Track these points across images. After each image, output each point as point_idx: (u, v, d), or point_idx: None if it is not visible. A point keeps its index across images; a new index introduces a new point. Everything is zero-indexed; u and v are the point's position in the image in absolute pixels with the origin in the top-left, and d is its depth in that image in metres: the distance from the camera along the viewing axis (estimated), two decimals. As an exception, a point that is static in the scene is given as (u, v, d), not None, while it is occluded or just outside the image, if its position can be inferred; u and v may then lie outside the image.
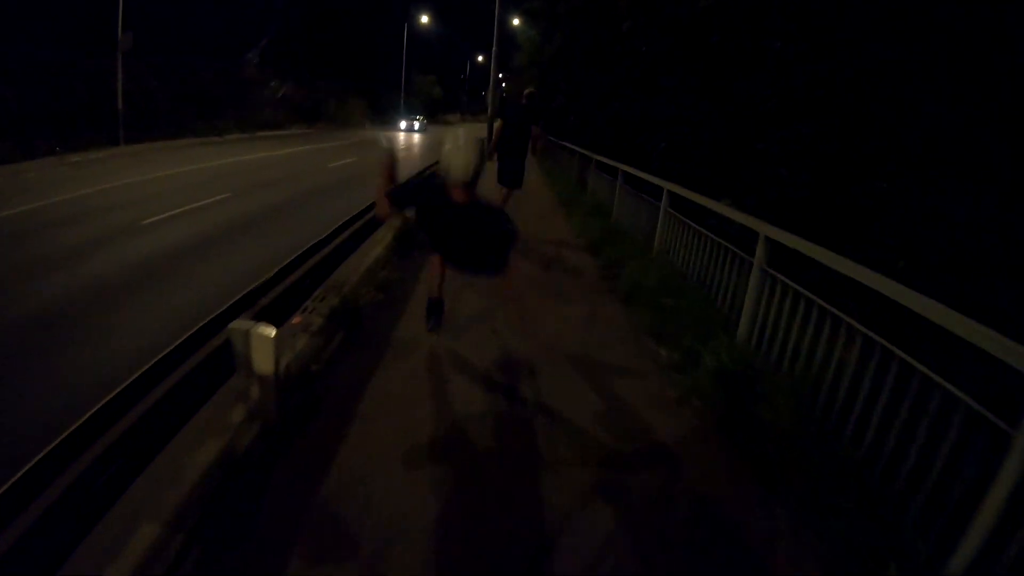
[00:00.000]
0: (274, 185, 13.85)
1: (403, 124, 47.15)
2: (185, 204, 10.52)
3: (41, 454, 2.14)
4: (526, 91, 8.09)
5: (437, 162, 9.27)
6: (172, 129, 25.02)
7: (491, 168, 18.87)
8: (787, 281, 3.48)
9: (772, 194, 6.71)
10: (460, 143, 2.84)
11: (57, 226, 8.61)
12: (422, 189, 3.32)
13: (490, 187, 12.73)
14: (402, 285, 5.62)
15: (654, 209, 6.31)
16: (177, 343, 2.71)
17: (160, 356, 2.61)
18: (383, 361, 3.90)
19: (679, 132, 9.30)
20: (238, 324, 2.82)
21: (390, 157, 3.35)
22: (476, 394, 3.53)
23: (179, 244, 8.00)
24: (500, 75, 40.14)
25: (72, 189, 11.72)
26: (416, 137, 39.54)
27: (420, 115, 49.37)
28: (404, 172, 12.86)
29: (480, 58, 78.16)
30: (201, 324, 2.89)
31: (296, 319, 4.36)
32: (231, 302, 3.18)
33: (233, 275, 6.53)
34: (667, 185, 5.93)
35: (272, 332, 2.84)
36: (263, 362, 2.87)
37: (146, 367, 2.52)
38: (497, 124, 8.53)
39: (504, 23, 24.92)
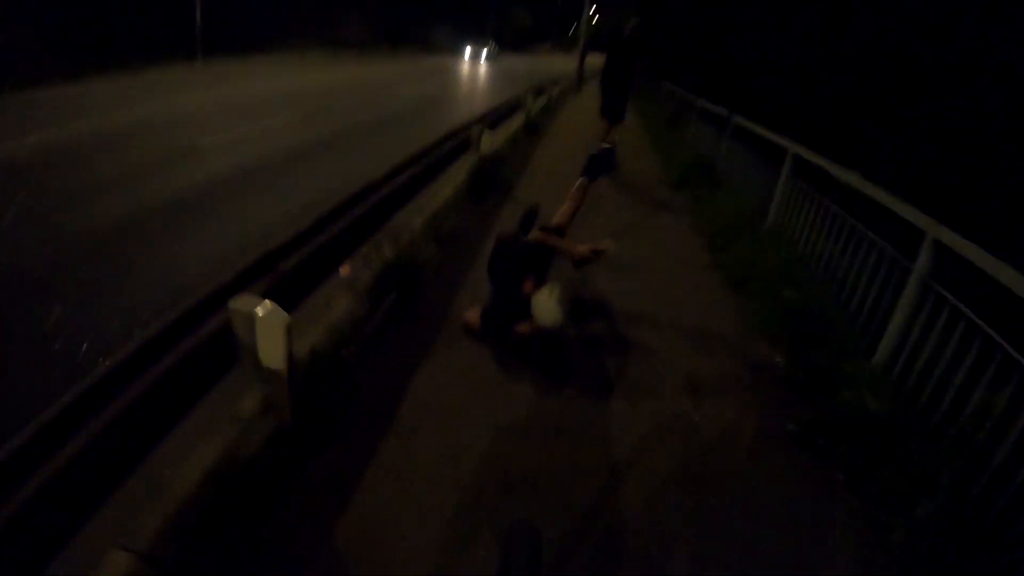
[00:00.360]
0: (348, 108, 13.23)
1: (468, 51, 44.19)
2: (251, 124, 9.99)
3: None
4: (629, 23, 7.41)
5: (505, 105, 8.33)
6: (252, 46, 24.51)
7: (582, 97, 17.63)
8: (962, 307, 2.51)
9: (911, 174, 5.44)
10: (554, 293, 2.88)
11: (113, 147, 8.14)
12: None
13: (580, 120, 11.67)
14: (470, 237, 4.86)
15: (771, 172, 5.20)
16: (168, 321, 2.02)
17: (143, 340, 1.94)
18: (437, 343, 3.17)
19: (800, 83, 7.92)
20: (241, 302, 2.11)
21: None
22: (546, 405, 2.76)
23: (236, 170, 7.45)
24: (595, 5, 37.68)
25: (139, 107, 11.30)
26: (483, 67, 37.12)
27: (490, 42, 46.34)
28: (467, 109, 11.89)
29: (574, -15, 74.14)
30: (201, 297, 2.18)
31: (345, 268, 3.70)
32: (246, 265, 2.45)
33: (283, 209, 5.91)
34: (792, 147, 4.80)
35: (285, 318, 2.12)
36: (273, 354, 2.17)
37: (120, 358, 1.85)
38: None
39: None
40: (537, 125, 11.12)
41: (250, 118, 10.59)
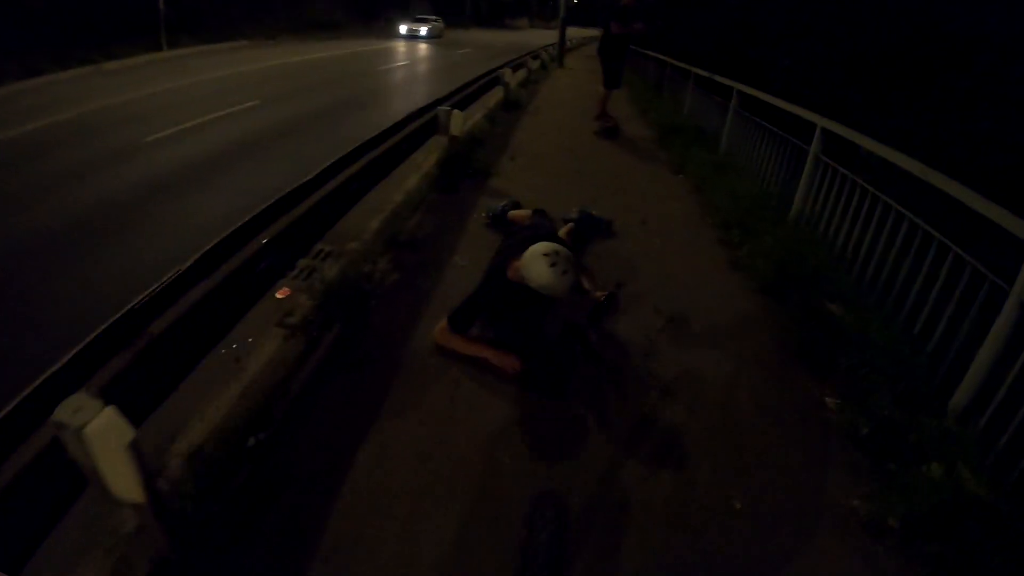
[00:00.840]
0: (312, 91, 12.59)
1: (403, 29, 34.60)
2: (204, 115, 9.29)
3: None
4: None
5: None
6: (221, 31, 23.50)
7: (564, 70, 16.82)
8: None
9: (958, 152, 4.71)
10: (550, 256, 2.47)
11: (51, 148, 7.53)
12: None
13: (563, 97, 10.93)
14: (438, 242, 4.10)
15: (790, 151, 4.46)
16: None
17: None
18: (391, 398, 2.45)
19: (809, 47, 7.14)
20: (69, 410, 1.38)
21: None
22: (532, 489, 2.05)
23: (175, 167, 6.76)
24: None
25: (94, 101, 10.72)
26: (422, 48, 28.80)
27: (432, 15, 37.38)
28: (439, 87, 11.07)
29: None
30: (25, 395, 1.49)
31: (283, 291, 3.04)
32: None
33: (214, 218, 5.20)
34: (822, 121, 4.06)
35: (127, 434, 1.41)
36: (121, 477, 1.46)
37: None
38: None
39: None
40: (517, 100, 10.31)
41: (203, 107, 9.91)
